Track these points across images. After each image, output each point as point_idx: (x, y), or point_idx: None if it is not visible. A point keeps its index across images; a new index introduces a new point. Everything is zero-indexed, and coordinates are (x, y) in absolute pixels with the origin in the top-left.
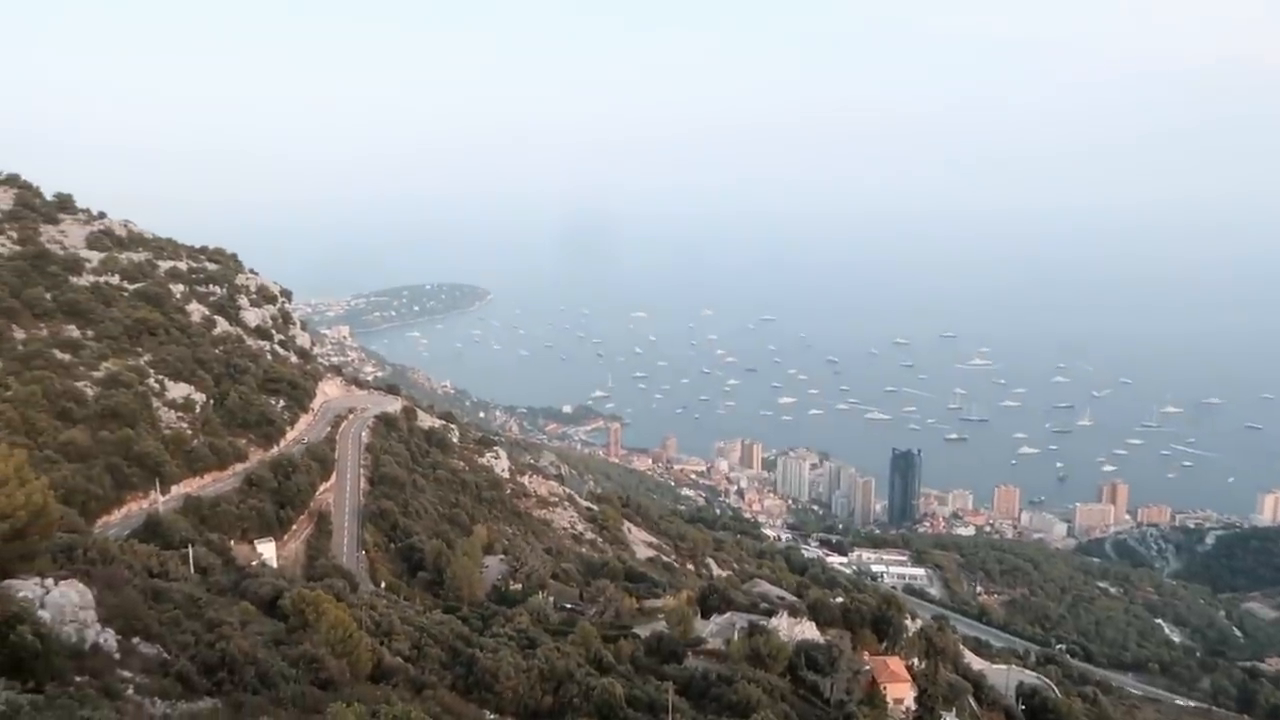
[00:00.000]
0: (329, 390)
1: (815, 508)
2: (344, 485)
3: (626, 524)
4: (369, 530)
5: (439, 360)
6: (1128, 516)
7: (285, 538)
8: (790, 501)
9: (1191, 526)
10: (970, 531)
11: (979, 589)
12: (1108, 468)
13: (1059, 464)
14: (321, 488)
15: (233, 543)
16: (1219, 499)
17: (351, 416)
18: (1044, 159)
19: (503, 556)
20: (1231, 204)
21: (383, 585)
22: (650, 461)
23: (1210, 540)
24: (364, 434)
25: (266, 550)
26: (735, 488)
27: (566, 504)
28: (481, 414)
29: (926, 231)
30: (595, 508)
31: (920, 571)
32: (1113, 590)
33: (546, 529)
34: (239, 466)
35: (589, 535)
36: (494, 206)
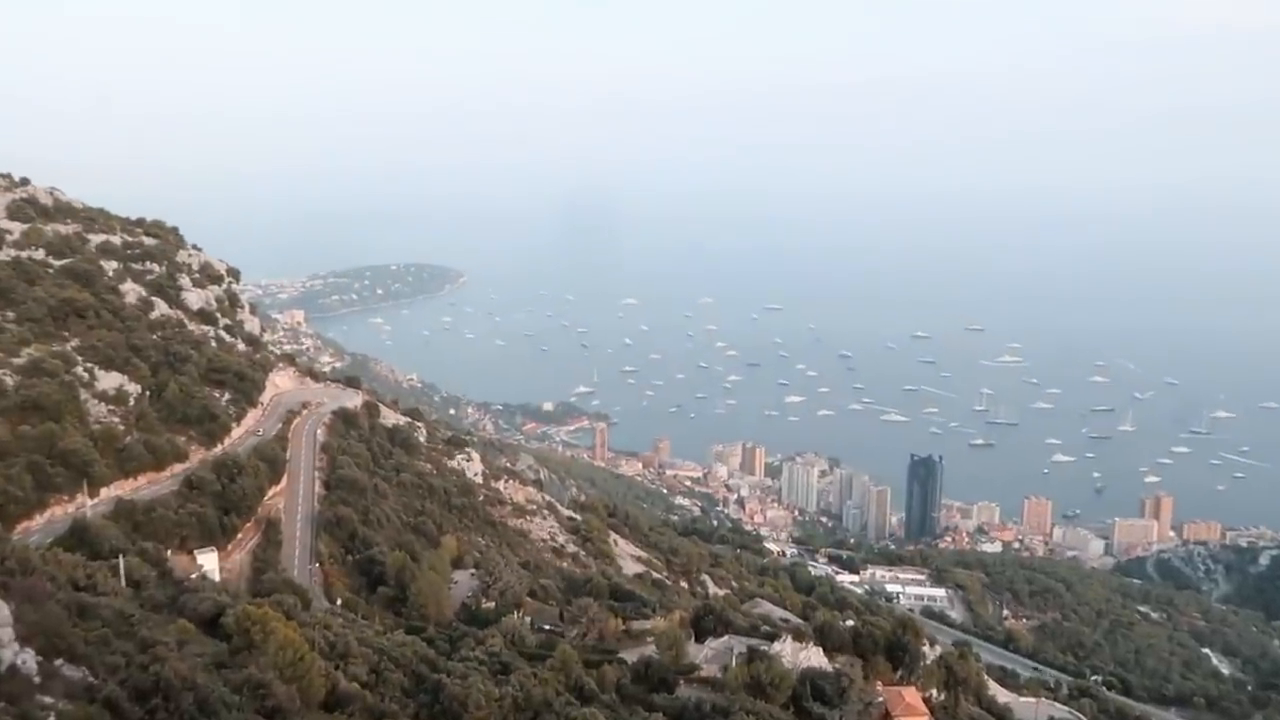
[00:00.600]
0: (280, 382)
1: (824, 520)
2: (296, 489)
3: (613, 536)
4: (324, 540)
5: (404, 350)
6: (1172, 533)
7: (229, 547)
8: (796, 512)
9: (1244, 545)
10: (997, 548)
11: (1005, 612)
12: (1151, 478)
13: (1096, 474)
14: (270, 492)
15: (170, 553)
16: (1275, 515)
17: (305, 412)
18: (1046, 136)
19: (474, 571)
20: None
21: (338, 602)
22: (640, 466)
23: (1264, 561)
24: (319, 432)
25: (208, 561)
26: (735, 496)
27: (546, 513)
28: (452, 411)
29: (936, 212)
30: (578, 517)
31: (940, 592)
32: (1154, 615)
33: (523, 540)
34: (178, 467)
35: (571, 548)
36: (490, 181)
